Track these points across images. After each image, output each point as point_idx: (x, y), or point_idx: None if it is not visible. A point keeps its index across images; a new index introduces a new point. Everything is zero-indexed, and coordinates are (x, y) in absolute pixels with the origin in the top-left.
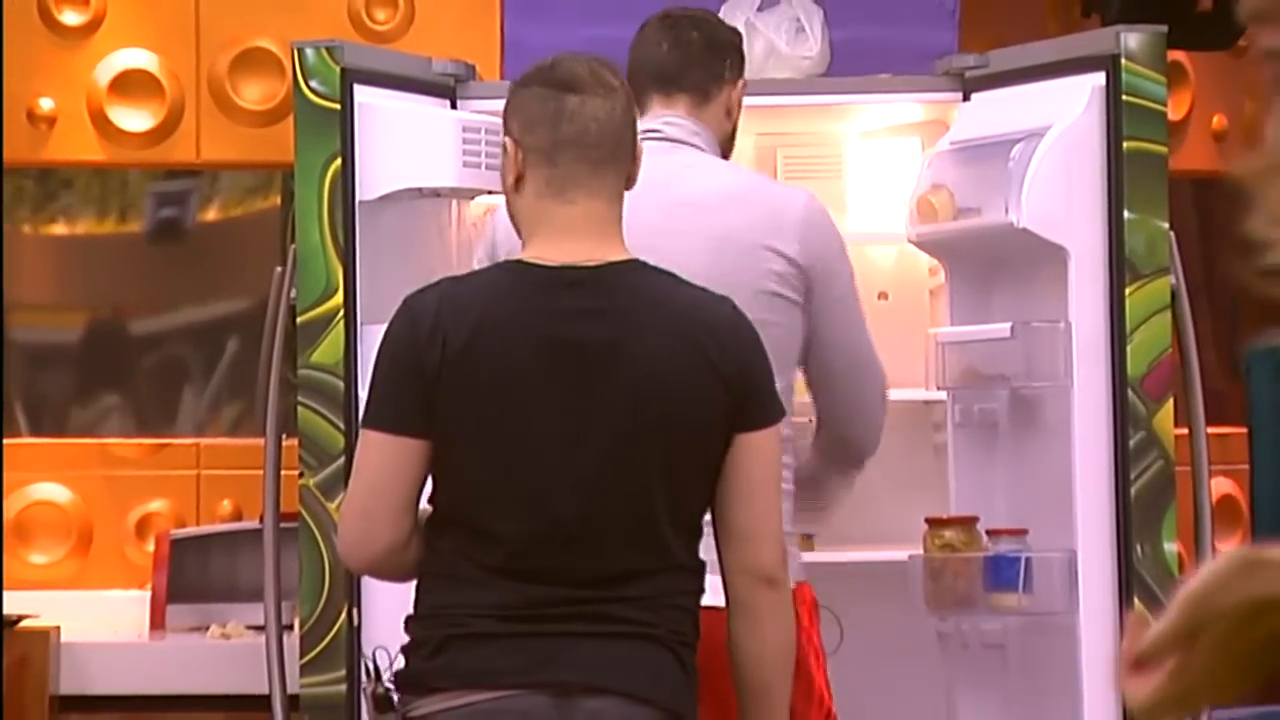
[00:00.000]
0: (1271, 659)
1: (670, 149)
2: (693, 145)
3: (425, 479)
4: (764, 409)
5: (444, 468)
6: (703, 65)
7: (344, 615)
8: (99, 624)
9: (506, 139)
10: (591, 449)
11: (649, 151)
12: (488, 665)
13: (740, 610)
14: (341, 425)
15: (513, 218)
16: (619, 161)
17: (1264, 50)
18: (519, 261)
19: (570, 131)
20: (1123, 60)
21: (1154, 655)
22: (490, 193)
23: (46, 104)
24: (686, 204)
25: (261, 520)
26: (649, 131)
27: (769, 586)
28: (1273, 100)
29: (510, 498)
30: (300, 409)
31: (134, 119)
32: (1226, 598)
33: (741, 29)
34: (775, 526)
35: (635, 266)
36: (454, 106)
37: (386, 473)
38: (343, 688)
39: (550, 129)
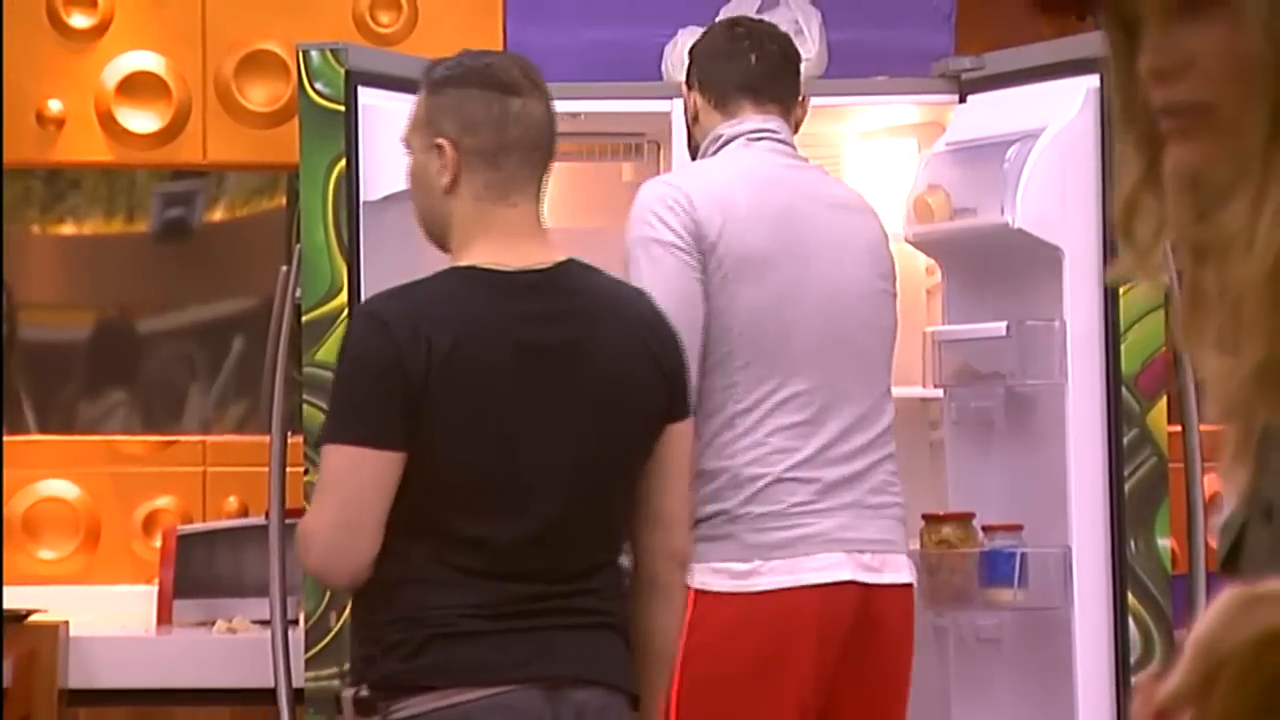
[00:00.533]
0: None
1: (792, 153)
2: (799, 154)
3: None
4: (688, 399)
5: (421, 475)
6: (784, 80)
7: (347, 612)
8: (107, 619)
9: (441, 140)
10: (565, 451)
11: (777, 152)
12: (479, 662)
13: (659, 591)
14: None
15: (436, 220)
16: (549, 163)
17: (1162, 106)
18: (472, 267)
19: (516, 134)
20: None
21: (1173, 709)
22: None
23: (55, 106)
24: (844, 207)
25: (267, 516)
26: (763, 132)
27: (683, 568)
28: (1167, 148)
29: (492, 503)
30: (305, 406)
31: (141, 120)
32: (1231, 640)
33: None
34: (689, 511)
35: (575, 266)
36: None
37: (369, 486)
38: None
39: (495, 132)
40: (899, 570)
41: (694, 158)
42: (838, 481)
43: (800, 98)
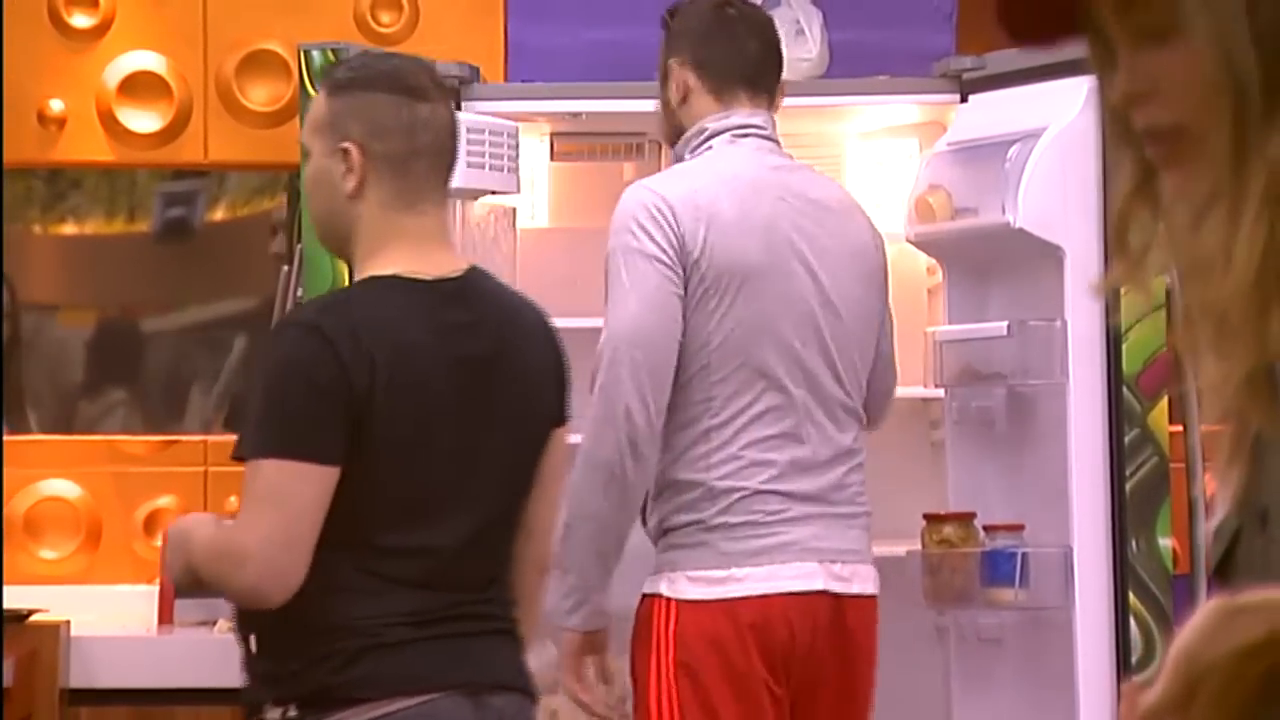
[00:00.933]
0: (1267, 706)
1: (777, 149)
2: (784, 149)
3: None
4: (569, 404)
5: (354, 488)
6: (776, 69)
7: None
8: (108, 618)
9: (347, 144)
10: (490, 461)
11: (763, 150)
12: (409, 671)
13: (522, 602)
14: None
15: (337, 225)
16: (454, 169)
17: (1142, 130)
18: (395, 276)
19: (425, 141)
20: None
21: None
22: (494, 193)
23: (56, 105)
24: (830, 210)
25: None
26: (749, 128)
27: (544, 576)
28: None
29: (422, 513)
30: None
31: (142, 120)
32: (1213, 651)
33: None
34: (557, 520)
35: (479, 273)
36: (458, 108)
37: (309, 501)
38: None
39: (405, 138)
40: (866, 581)
41: (672, 142)
42: (811, 492)
43: (782, 82)
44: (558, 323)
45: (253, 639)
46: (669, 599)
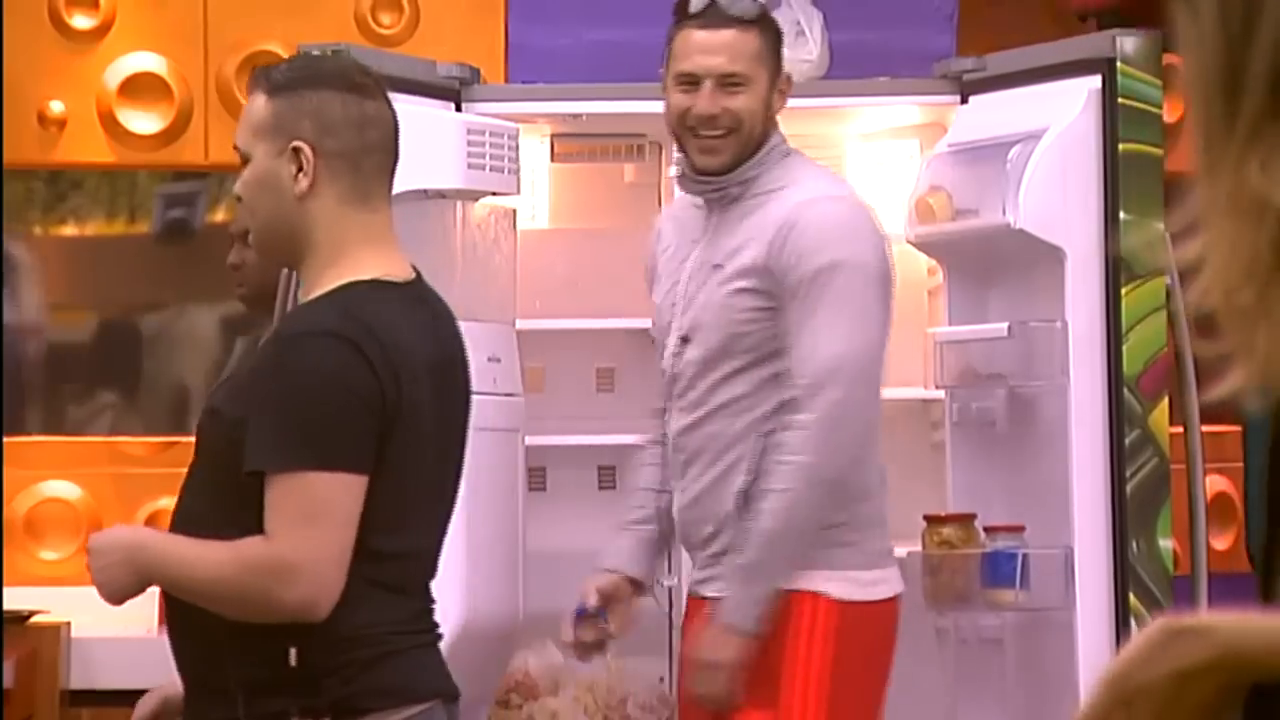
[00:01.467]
0: None
1: None
2: None
3: None
4: None
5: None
6: None
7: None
8: (108, 619)
9: (298, 143)
10: (454, 463)
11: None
12: (414, 679)
13: None
14: None
15: (284, 228)
16: (397, 168)
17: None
18: (377, 281)
19: (374, 138)
20: (1119, 63)
21: None
22: (495, 194)
23: (57, 107)
24: None
25: None
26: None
27: None
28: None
29: (411, 518)
30: None
31: (143, 121)
32: (1150, 673)
33: None
34: None
35: (417, 273)
36: (459, 109)
37: (351, 512)
38: None
39: (356, 135)
40: None
41: (750, 150)
42: None
43: None
44: (558, 323)
45: (292, 652)
46: (829, 597)
